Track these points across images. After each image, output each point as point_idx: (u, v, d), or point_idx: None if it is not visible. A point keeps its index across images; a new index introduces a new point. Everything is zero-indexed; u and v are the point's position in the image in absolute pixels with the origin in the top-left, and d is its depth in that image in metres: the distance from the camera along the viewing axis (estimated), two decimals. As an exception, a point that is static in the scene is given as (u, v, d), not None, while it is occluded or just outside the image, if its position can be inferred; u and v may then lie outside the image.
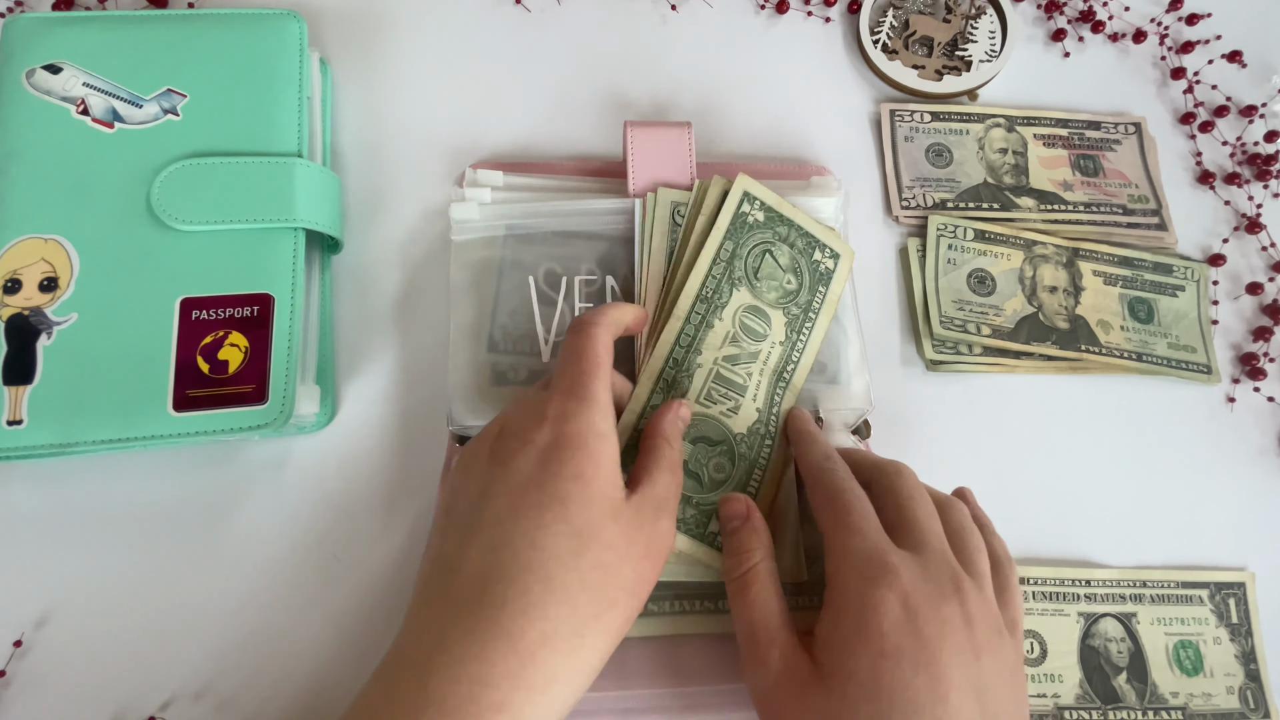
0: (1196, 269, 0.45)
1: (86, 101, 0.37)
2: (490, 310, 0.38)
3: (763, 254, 0.38)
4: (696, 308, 0.36)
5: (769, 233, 0.39)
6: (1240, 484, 0.42)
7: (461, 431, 0.36)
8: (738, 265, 0.38)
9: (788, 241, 0.39)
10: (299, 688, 0.34)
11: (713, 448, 0.35)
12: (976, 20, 0.48)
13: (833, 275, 0.40)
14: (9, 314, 0.34)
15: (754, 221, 0.38)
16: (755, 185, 0.39)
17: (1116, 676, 0.38)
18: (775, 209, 0.39)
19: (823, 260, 0.40)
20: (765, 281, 0.38)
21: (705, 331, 0.36)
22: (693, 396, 0.35)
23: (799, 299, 0.39)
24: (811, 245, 0.39)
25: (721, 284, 0.37)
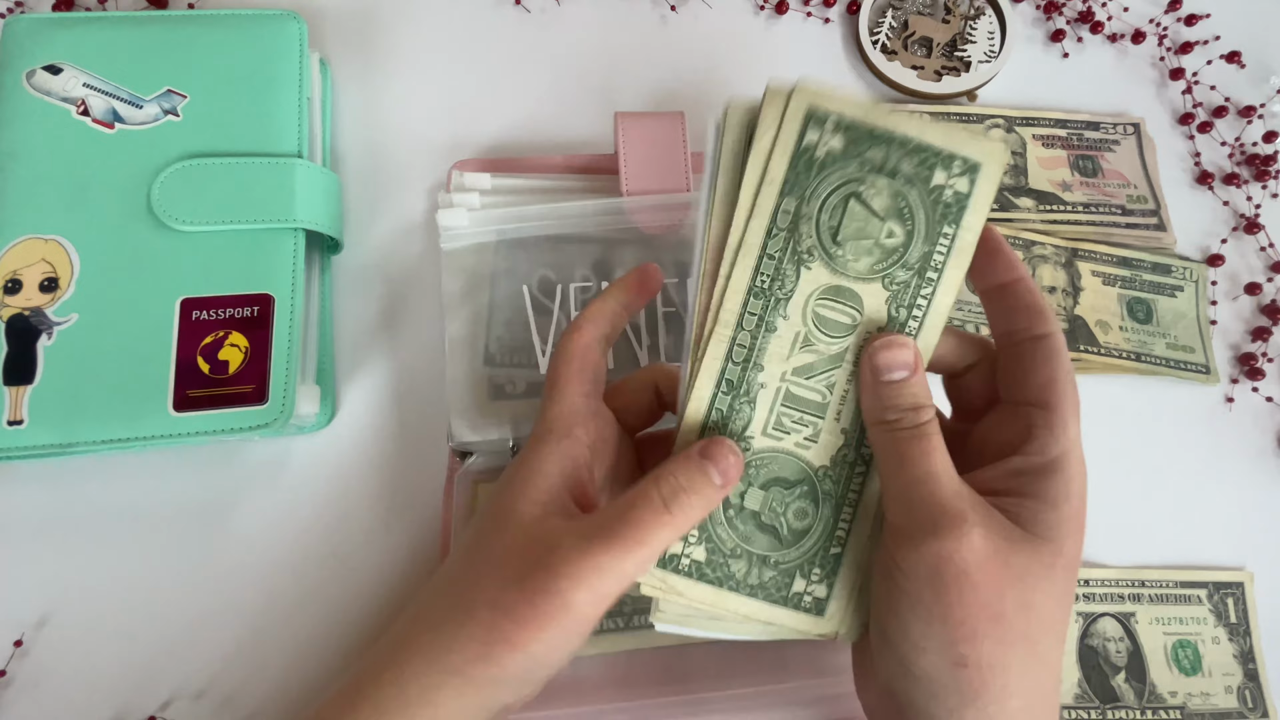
0: (1195, 269, 0.45)
1: (87, 102, 0.37)
2: (485, 321, 0.37)
3: (845, 201, 0.27)
4: (750, 307, 0.28)
5: (854, 164, 0.27)
6: (1239, 484, 0.42)
7: (461, 447, 0.36)
8: (805, 229, 0.27)
9: (886, 170, 0.27)
10: (299, 688, 0.34)
11: (789, 490, 0.28)
12: (975, 21, 0.48)
13: (967, 202, 0.27)
14: (9, 314, 0.34)
15: (828, 155, 0.27)
16: (825, 95, 0.27)
17: (1115, 676, 0.38)
18: (862, 122, 0.27)
19: (949, 182, 0.27)
20: (851, 244, 0.27)
21: (766, 338, 0.28)
22: (758, 429, 0.28)
23: (909, 256, 0.27)
24: (929, 163, 0.27)
25: (783, 265, 0.27)
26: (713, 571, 0.28)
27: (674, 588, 0.28)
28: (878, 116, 0.27)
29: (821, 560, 0.29)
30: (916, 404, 0.26)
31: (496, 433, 0.35)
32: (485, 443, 0.35)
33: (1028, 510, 0.25)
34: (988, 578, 0.24)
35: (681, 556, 0.28)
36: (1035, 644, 0.25)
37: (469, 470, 0.36)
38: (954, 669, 0.24)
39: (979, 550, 0.24)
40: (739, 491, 0.28)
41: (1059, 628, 0.26)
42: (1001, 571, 0.24)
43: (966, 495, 0.25)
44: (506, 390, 0.36)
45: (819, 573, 0.29)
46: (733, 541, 0.28)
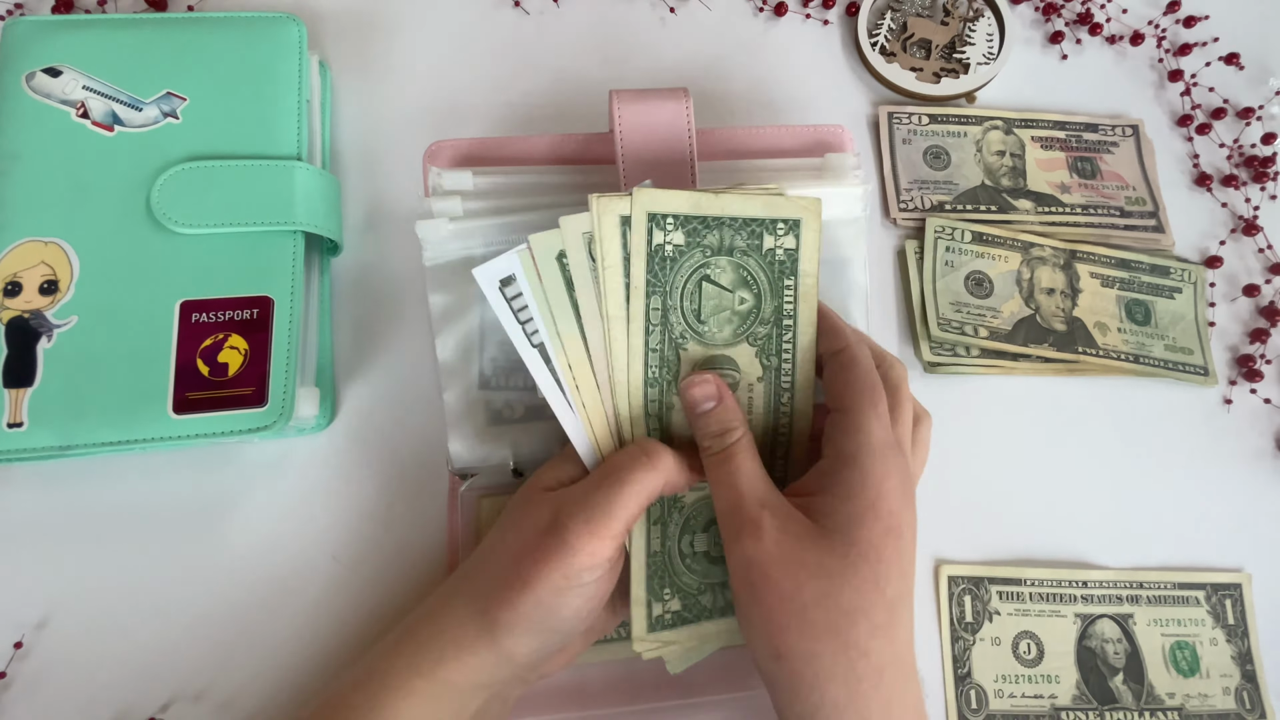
0: (1193, 271, 0.45)
1: (86, 105, 0.37)
2: (477, 342, 0.35)
3: (699, 285, 0.31)
4: (650, 396, 0.31)
5: (698, 253, 0.31)
6: (1237, 485, 0.42)
7: (461, 471, 0.35)
8: (674, 319, 0.31)
9: (724, 249, 0.31)
10: (298, 689, 0.34)
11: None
12: (974, 23, 0.48)
13: (798, 253, 0.31)
14: (9, 317, 0.34)
15: (675, 250, 0.30)
16: (657, 197, 0.30)
17: (1113, 677, 0.38)
18: (694, 213, 0.31)
19: (778, 243, 0.31)
20: (713, 319, 0.31)
21: (669, 416, 0.32)
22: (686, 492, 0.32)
23: (763, 313, 0.32)
24: (757, 233, 0.31)
25: (666, 354, 0.31)
26: (689, 613, 0.32)
27: (665, 640, 0.31)
28: (705, 205, 0.31)
29: None
30: (723, 428, 0.30)
31: (497, 457, 0.34)
32: (484, 466, 0.35)
33: (823, 505, 0.28)
34: (785, 574, 0.27)
35: (664, 615, 0.31)
36: (845, 633, 0.26)
37: (472, 488, 0.36)
38: (774, 661, 0.27)
39: (773, 550, 0.27)
40: (689, 543, 0.32)
41: (873, 615, 0.27)
42: (797, 568, 0.27)
43: (769, 502, 0.28)
44: (505, 415, 0.35)
45: None
46: (696, 583, 0.32)
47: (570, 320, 0.30)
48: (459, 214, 0.35)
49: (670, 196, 0.30)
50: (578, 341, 0.30)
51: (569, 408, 0.31)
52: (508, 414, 0.35)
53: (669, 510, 0.32)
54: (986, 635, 0.39)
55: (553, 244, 0.30)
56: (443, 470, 0.38)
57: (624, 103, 0.36)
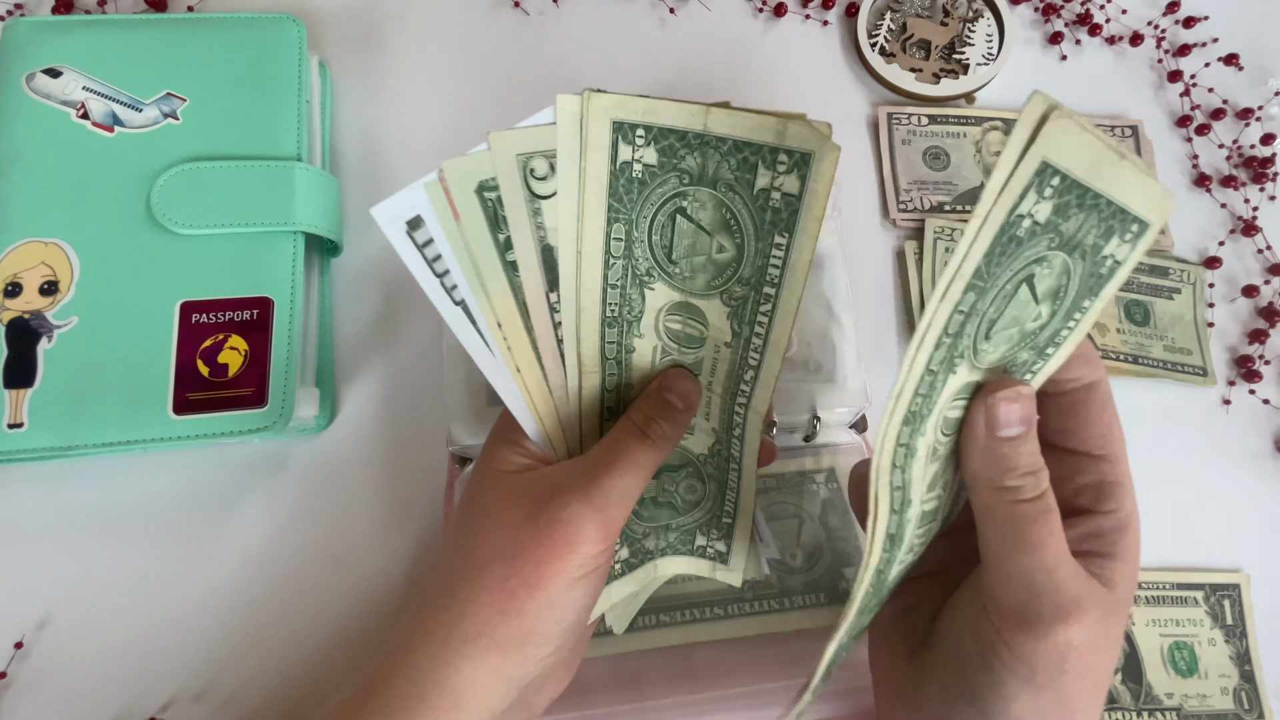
0: (1192, 271, 0.46)
1: (86, 105, 0.37)
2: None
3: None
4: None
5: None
6: (1235, 486, 0.43)
7: (461, 452, 0.36)
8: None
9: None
10: (299, 689, 0.34)
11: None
12: (974, 23, 0.48)
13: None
14: (9, 317, 0.34)
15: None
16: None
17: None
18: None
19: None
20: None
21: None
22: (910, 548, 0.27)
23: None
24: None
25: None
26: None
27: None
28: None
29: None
30: (1034, 467, 0.24)
31: None
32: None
33: (1110, 570, 0.25)
34: (1099, 659, 0.24)
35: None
36: (1103, 697, 0.25)
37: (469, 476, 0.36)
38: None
39: (1095, 633, 0.24)
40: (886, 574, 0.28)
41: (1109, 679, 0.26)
42: (1106, 648, 0.24)
43: (1083, 578, 0.24)
44: None
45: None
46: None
47: (497, 268, 0.25)
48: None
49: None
50: (507, 293, 0.26)
51: (505, 374, 0.27)
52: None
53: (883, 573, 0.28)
54: (985, 635, 0.39)
55: (472, 171, 0.24)
56: (442, 470, 0.38)
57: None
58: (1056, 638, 0.23)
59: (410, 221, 0.24)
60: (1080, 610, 0.23)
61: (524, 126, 0.24)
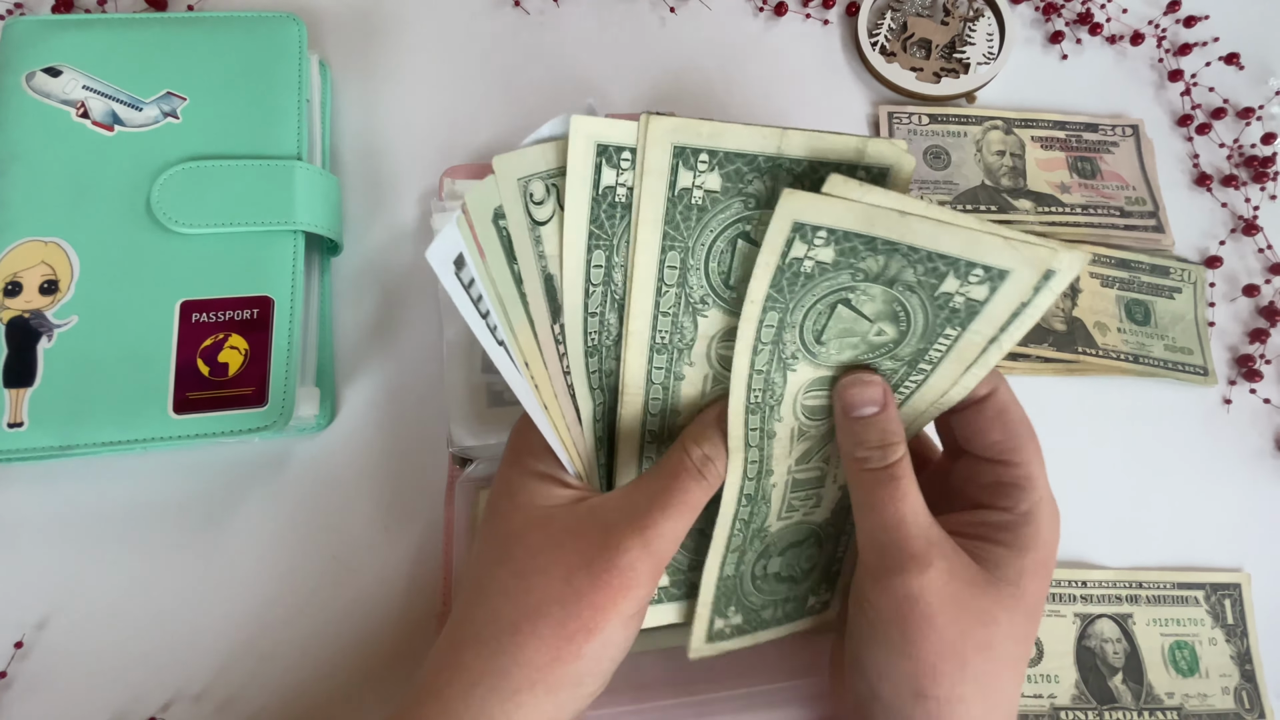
0: (1193, 271, 0.45)
1: (86, 104, 0.37)
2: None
3: (832, 307, 0.25)
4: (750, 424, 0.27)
5: (845, 274, 0.24)
6: (1236, 485, 0.42)
7: (461, 453, 0.36)
8: (789, 337, 0.25)
9: (883, 279, 0.24)
10: (299, 689, 0.34)
11: (800, 547, 0.31)
12: (974, 23, 0.48)
13: (981, 309, 0.24)
14: (9, 316, 0.34)
15: (816, 268, 0.24)
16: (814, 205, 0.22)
17: (1112, 677, 0.38)
18: (860, 234, 0.23)
19: (961, 289, 0.23)
20: (835, 342, 0.26)
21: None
22: (774, 519, 0.30)
23: (900, 350, 0.26)
24: (938, 271, 0.23)
25: (771, 376, 0.26)
26: (749, 625, 0.31)
27: (722, 650, 0.31)
28: (880, 227, 0.22)
29: (826, 578, 0.32)
30: (885, 441, 0.26)
31: (496, 438, 0.35)
32: (485, 448, 0.35)
33: (994, 554, 0.27)
34: (949, 620, 0.25)
35: (724, 629, 0.30)
36: (993, 681, 0.26)
37: (470, 478, 0.36)
38: (915, 699, 0.26)
39: (941, 593, 0.25)
40: (763, 566, 0.30)
41: (1019, 666, 0.27)
42: (962, 614, 0.25)
43: (935, 538, 0.26)
44: (505, 397, 0.36)
45: (824, 586, 0.32)
46: (761, 600, 0.31)
47: (516, 303, 0.24)
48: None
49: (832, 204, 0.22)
50: (526, 329, 0.25)
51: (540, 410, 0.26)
52: (508, 396, 0.36)
53: (751, 540, 0.30)
54: (986, 635, 0.39)
55: (488, 199, 0.23)
56: (442, 470, 0.38)
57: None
58: (895, 585, 0.25)
59: (455, 260, 0.22)
60: (921, 563, 0.25)
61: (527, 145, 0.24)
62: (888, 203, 0.22)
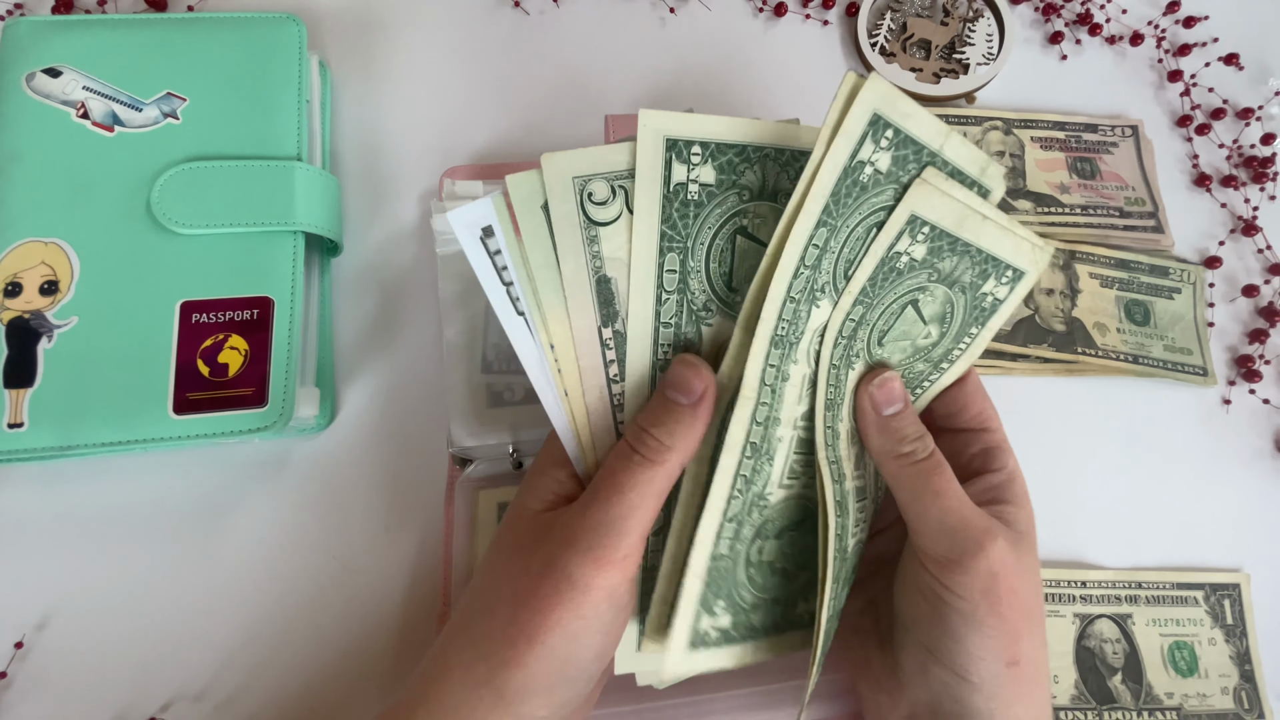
0: (1193, 271, 0.45)
1: (86, 105, 0.37)
2: (481, 328, 0.37)
3: (903, 308, 0.27)
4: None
5: (924, 274, 0.27)
6: (1235, 486, 0.43)
7: (461, 453, 0.36)
8: (861, 335, 0.27)
9: (948, 279, 0.27)
10: (298, 689, 0.34)
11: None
12: (974, 23, 0.48)
13: (999, 307, 0.28)
14: (10, 317, 0.34)
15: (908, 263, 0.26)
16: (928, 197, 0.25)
17: (1112, 677, 0.38)
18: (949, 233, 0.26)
19: (993, 289, 0.28)
20: (891, 345, 0.28)
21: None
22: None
23: (934, 352, 0.29)
24: (986, 273, 0.27)
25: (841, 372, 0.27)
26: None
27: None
28: (967, 227, 0.26)
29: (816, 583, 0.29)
30: (920, 434, 0.28)
31: (495, 439, 0.35)
32: (485, 448, 0.35)
33: (1009, 513, 0.29)
34: (1022, 582, 0.27)
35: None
36: (1042, 624, 0.28)
37: (470, 478, 0.36)
38: (1009, 669, 0.27)
39: (1012, 561, 0.27)
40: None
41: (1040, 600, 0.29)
42: (1024, 573, 0.27)
43: (985, 516, 0.28)
44: (505, 397, 0.36)
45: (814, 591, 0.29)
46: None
47: (556, 289, 0.25)
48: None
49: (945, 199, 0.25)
50: (563, 318, 0.25)
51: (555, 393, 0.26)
52: (508, 396, 0.36)
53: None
54: (985, 635, 0.39)
55: (540, 188, 0.25)
56: (442, 470, 0.38)
57: (618, 127, 0.38)
58: (979, 566, 0.26)
59: (484, 229, 0.24)
60: (991, 538, 0.27)
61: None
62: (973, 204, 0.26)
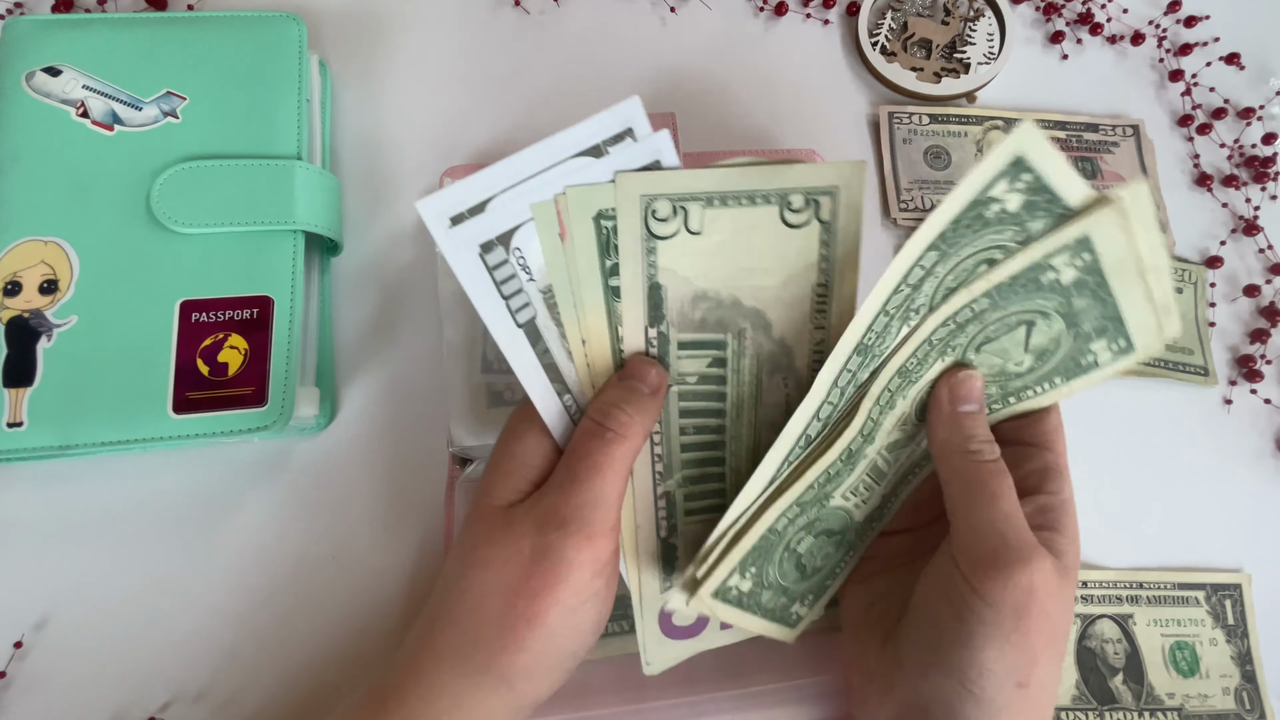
0: (1194, 271, 0.45)
1: (86, 104, 0.37)
2: (481, 328, 0.36)
3: (1017, 324, 0.28)
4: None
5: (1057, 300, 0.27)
6: (1237, 486, 0.42)
7: (461, 453, 0.36)
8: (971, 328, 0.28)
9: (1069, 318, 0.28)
10: (298, 689, 0.34)
11: (831, 538, 0.31)
12: (975, 22, 0.48)
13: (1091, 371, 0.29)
14: (9, 316, 0.34)
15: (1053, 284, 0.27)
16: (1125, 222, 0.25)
17: (1113, 678, 0.38)
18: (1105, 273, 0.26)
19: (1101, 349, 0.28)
20: (986, 356, 0.29)
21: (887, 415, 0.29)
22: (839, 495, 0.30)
23: (1012, 384, 0.30)
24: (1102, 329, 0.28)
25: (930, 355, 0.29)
26: (749, 600, 0.30)
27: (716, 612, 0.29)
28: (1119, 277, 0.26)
29: (817, 590, 0.32)
30: (988, 438, 0.28)
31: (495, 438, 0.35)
32: (485, 448, 0.35)
33: (1056, 542, 0.28)
34: (1057, 609, 0.26)
35: (731, 589, 0.29)
36: (1061, 658, 0.28)
37: (470, 478, 0.36)
38: (1017, 690, 0.26)
39: (1052, 582, 0.26)
40: (799, 538, 0.30)
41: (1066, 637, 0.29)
42: (1062, 601, 0.27)
43: (1032, 534, 0.27)
44: (505, 397, 0.36)
45: (811, 598, 0.32)
46: (773, 578, 0.30)
47: (597, 289, 0.27)
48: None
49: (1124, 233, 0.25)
50: (601, 315, 0.28)
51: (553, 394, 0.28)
52: (508, 396, 0.36)
53: (816, 501, 0.29)
54: (986, 635, 0.39)
55: (593, 200, 0.27)
56: (442, 470, 0.38)
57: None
58: (1020, 579, 0.26)
59: (484, 245, 0.26)
60: (1039, 555, 0.26)
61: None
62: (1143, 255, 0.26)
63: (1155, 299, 0.27)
